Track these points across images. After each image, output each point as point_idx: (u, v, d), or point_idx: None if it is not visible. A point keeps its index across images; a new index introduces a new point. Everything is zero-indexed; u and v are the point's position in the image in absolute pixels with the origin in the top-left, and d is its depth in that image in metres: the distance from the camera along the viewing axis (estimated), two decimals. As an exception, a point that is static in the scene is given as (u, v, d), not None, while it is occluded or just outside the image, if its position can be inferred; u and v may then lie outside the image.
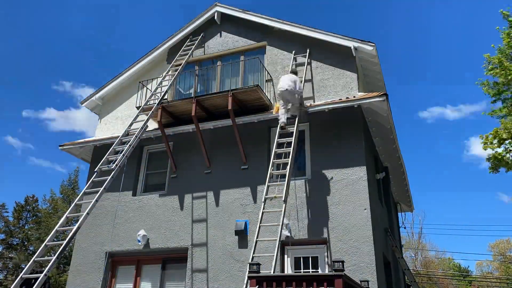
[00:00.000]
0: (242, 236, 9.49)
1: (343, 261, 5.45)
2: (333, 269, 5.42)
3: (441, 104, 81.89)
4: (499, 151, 12.28)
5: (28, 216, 35.60)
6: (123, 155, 8.91)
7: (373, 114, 10.09)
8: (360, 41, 10.17)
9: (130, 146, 9.14)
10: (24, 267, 8.22)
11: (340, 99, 9.86)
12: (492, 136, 12.25)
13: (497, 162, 12.41)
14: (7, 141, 64.50)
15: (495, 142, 12.22)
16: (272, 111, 10.20)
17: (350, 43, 10.24)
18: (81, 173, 36.96)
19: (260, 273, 5.81)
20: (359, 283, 6.99)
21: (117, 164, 8.73)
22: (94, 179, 8.76)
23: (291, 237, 9.02)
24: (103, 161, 9.01)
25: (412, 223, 43.34)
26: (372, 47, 10.10)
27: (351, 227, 8.75)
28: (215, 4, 12.35)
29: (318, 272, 8.62)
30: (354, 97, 9.77)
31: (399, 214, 17.07)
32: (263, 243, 8.69)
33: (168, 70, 11.63)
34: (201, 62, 12.35)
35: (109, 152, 9.22)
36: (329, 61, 10.57)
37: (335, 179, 9.30)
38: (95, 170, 8.98)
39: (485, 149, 12.43)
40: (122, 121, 12.31)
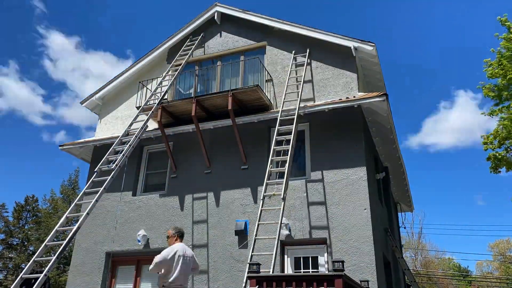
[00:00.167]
0: (242, 236, 9.49)
1: (343, 261, 5.45)
2: (333, 269, 5.41)
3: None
4: (499, 151, 12.27)
5: (28, 216, 35.60)
6: (123, 155, 8.91)
7: (373, 114, 10.09)
8: (360, 41, 10.17)
9: (130, 146, 9.15)
10: (24, 267, 8.22)
11: (340, 99, 9.87)
12: (492, 136, 12.24)
13: (497, 162, 12.40)
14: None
15: (496, 142, 12.22)
16: (272, 111, 10.21)
17: (350, 43, 10.25)
18: (81, 173, 36.91)
19: (260, 273, 5.80)
20: (359, 283, 6.98)
21: (117, 164, 8.73)
22: (94, 179, 8.77)
23: (290, 237, 9.03)
24: (103, 161, 9.01)
25: (412, 223, 43.34)
26: (372, 47, 10.11)
27: (351, 227, 8.75)
28: (215, 4, 12.35)
29: (318, 272, 8.62)
30: (354, 97, 9.77)
31: (399, 214, 17.08)
32: (263, 242, 8.69)
33: (168, 70, 11.63)
34: (201, 62, 12.35)
35: (109, 152, 9.23)
36: (329, 61, 10.58)
37: (335, 179, 9.29)
38: (95, 170, 8.98)
39: (486, 149, 12.43)
40: (122, 121, 12.32)
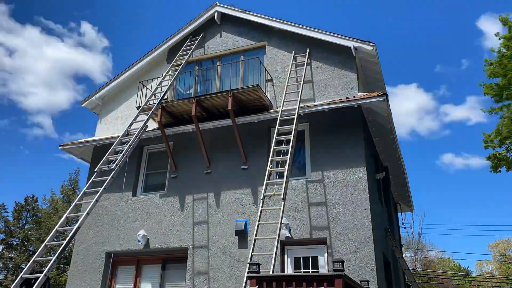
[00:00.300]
0: (242, 236, 9.48)
1: (343, 261, 5.45)
2: (333, 269, 5.41)
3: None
4: (500, 150, 12.27)
5: (28, 216, 35.59)
6: (123, 155, 8.91)
7: (373, 114, 10.09)
8: (360, 41, 10.17)
9: (130, 146, 9.15)
10: (24, 267, 8.22)
11: (340, 99, 9.86)
12: (493, 135, 12.23)
13: (497, 161, 12.40)
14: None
15: (496, 141, 12.21)
16: (272, 111, 10.21)
17: (350, 43, 10.25)
18: (81, 173, 36.88)
19: (260, 273, 5.80)
20: (359, 283, 6.99)
21: (117, 164, 8.73)
22: (94, 179, 8.77)
23: (291, 237, 9.02)
24: (103, 161, 9.02)
25: (412, 223, 43.30)
26: (372, 47, 10.10)
27: (351, 227, 8.75)
28: (215, 4, 12.35)
29: (318, 272, 8.61)
30: (354, 97, 9.76)
31: (399, 214, 17.08)
32: (263, 242, 8.69)
33: (168, 70, 11.63)
34: (201, 62, 12.35)
35: (109, 152, 9.23)
36: (329, 61, 10.58)
37: (335, 179, 9.29)
38: (95, 170, 8.98)
39: (486, 148, 12.43)
40: (122, 121, 12.32)
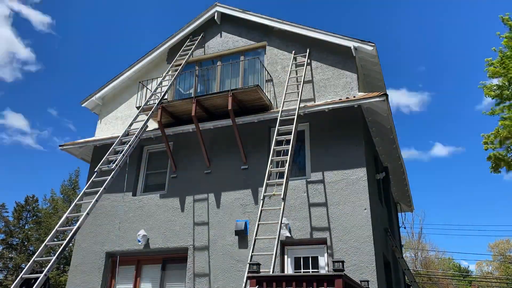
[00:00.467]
0: (242, 236, 9.49)
1: (343, 261, 5.45)
2: (333, 269, 5.41)
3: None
4: (500, 151, 12.24)
5: (28, 216, 35.62)
6: (123, 155, 8.91)
7: (373, 114, 10.09)
8: (360, 41, 10.17)
9: (130, 146, 9.14)
10: (24, 267, 8.23)
11: (340, 99, 9.86)
12: (493, 136, 12.21)
13: (497, 162, 12.38)
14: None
15: (496, 142, 12.19)
16: (272, 111, 10.20)
17: (350, 43, 10.25)
18: (81, 173, 36.89)
19: (260, 273, 5.80)
20: (359, 283, 6.98)
21: (117, 164, 8.73)
22: (94, 179, 8.77)
23: (291, 237, 9.02)
24: (103, 161, 9.01)
25: (412, 223, 43.36)
26: (372, 47, 10.10)
27: (351, 227, 8.75)
28: (215, 4, 12.35)
29: (318, 272, 8.61)
30: (354, 97, 9.77)
31: (399, 214, 17.07)
32: (264, 242, 8.69)
33: (168, 70, 11.63)
34: (201, 62, 12.35)
35: (109, 152, 9.23)
36: (329, 61, 10.58)
37: (335, 179, 9.29)
38: (95, 170, 8.98)
39: (486, 149, 12.40)
40: (122, 121, 12.32)
